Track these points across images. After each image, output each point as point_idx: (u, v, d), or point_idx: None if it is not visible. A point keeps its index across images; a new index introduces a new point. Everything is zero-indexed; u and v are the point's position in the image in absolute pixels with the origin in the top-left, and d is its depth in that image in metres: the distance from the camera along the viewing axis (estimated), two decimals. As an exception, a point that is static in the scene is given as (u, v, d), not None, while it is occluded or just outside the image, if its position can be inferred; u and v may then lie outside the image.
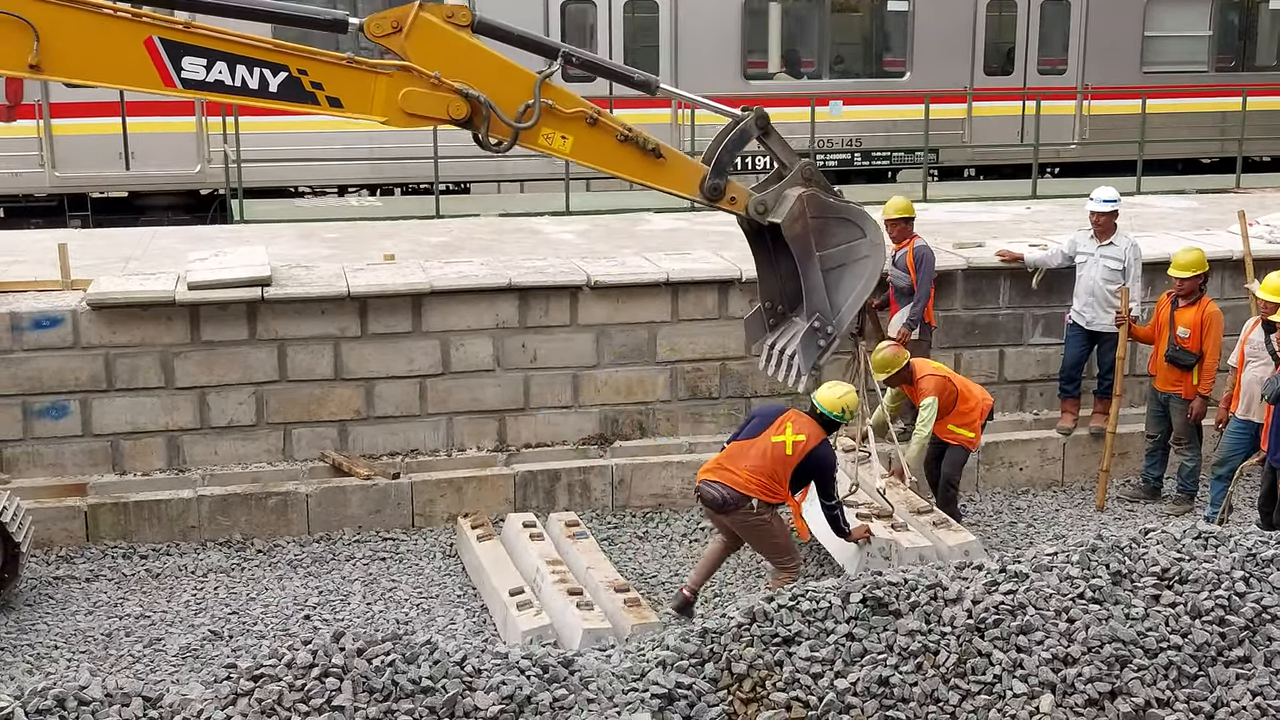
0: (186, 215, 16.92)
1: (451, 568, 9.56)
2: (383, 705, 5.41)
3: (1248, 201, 14.71)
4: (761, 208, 7.96)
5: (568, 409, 10.76)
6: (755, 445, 8.28)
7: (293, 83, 7.13)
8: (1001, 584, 6.14)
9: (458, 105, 7.32)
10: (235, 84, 7.05)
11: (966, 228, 13.41)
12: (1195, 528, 6.69)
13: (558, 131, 7.54)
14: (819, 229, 7.97)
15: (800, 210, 7.88)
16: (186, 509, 9.84)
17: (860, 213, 8.21)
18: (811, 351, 8.05)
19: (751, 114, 7.95)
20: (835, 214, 8.06)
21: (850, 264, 8.09)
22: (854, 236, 8.09)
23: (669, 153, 7.86)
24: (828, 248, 8.04)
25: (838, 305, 8.07)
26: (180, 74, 6.97)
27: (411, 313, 10.34)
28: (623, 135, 7.65)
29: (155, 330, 9.95)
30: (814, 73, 19.54)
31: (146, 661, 8.12)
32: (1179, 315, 10.38)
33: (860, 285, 8.13)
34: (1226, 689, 5.73)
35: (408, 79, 7.28)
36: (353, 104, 7.28)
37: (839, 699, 5.61)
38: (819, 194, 8.00)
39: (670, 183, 7.91)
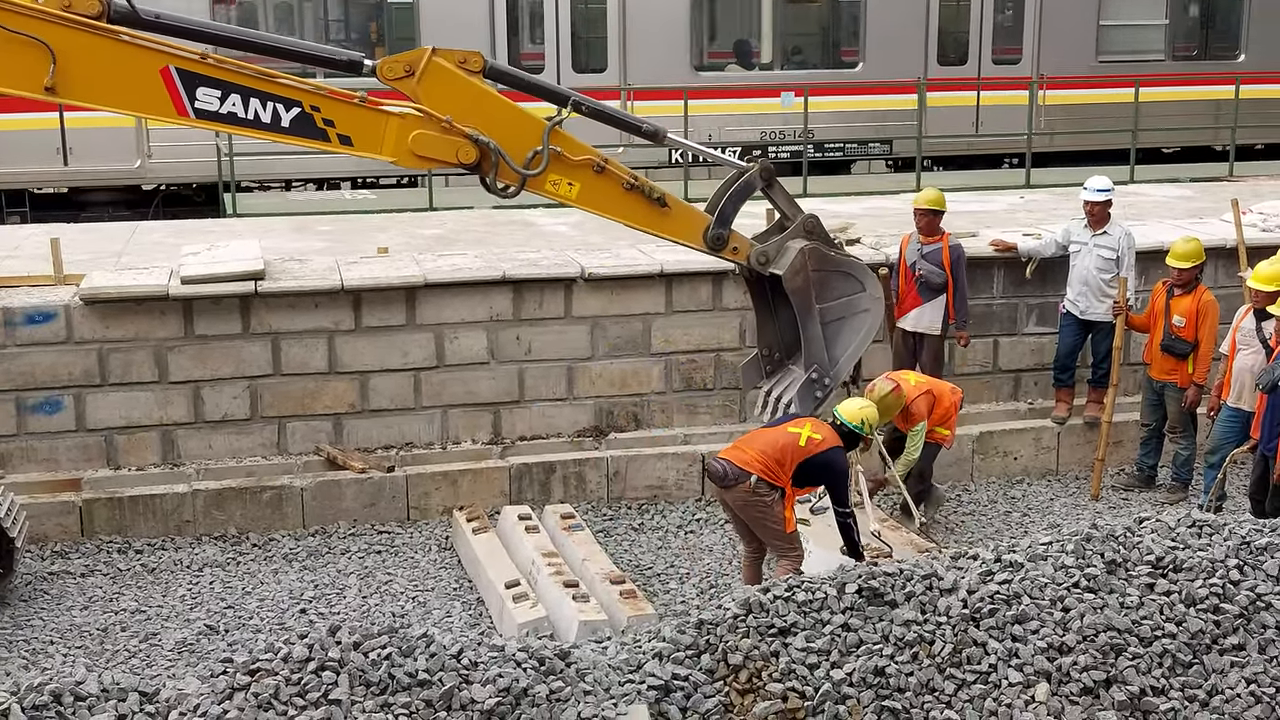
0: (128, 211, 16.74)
1: (447, 561, 9.56)
2: (379, 699, 5.40)
3: (1241, 190, 14.74)
4: (763, 259, 8.12)
5: (562, 401, 10.76)
6: (771, 432, 8.27)
7: (305, 119, 7.22)
8: (996, 573, 6.15)
9: (467, 150, 7.41)
10: (248, 117, 7.14)
11: (961, 217, 13.39)
12: (1189, 516, 6.70)
13: (564, 178, 7.65)
14: (820, 282, 8.13)
15: (802, 263, 8.03)
16: (181, 503, 9.83)
17: (861, 267, 8.38)
18: (808, 402, 8.23)
19: (756, 166, 8.09)
20: (836, 267, 8.23)
21: (849, 317, 8.28)
22: (854, 290, 8.29)
23: (674, 202, 7.98)
24: (828, 300, 8.20)
25: (835, 357, 8.26)
26: (194, 104, 7.04)
27: (405, 305, 10.33)
28: (629, 184, 7.76)
29: (148, 324, 9.93)
30: (765, 64, 19.33)
31: (142, 656, 8.12)
32: (1175, 304, 10.37)
33: (859, 338, 8.34)
34: (1221, 676, 5.74)
35: (419, 121, 7.35)
36: (363, 143, 7.37)
37: (835, 689, 5.61)
38: (820, 247, 8.13)
39: (674, 231, 8.06)
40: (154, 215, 16.48)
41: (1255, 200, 13.29)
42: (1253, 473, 9.25)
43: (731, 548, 9.73)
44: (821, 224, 8.34)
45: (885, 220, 13.28)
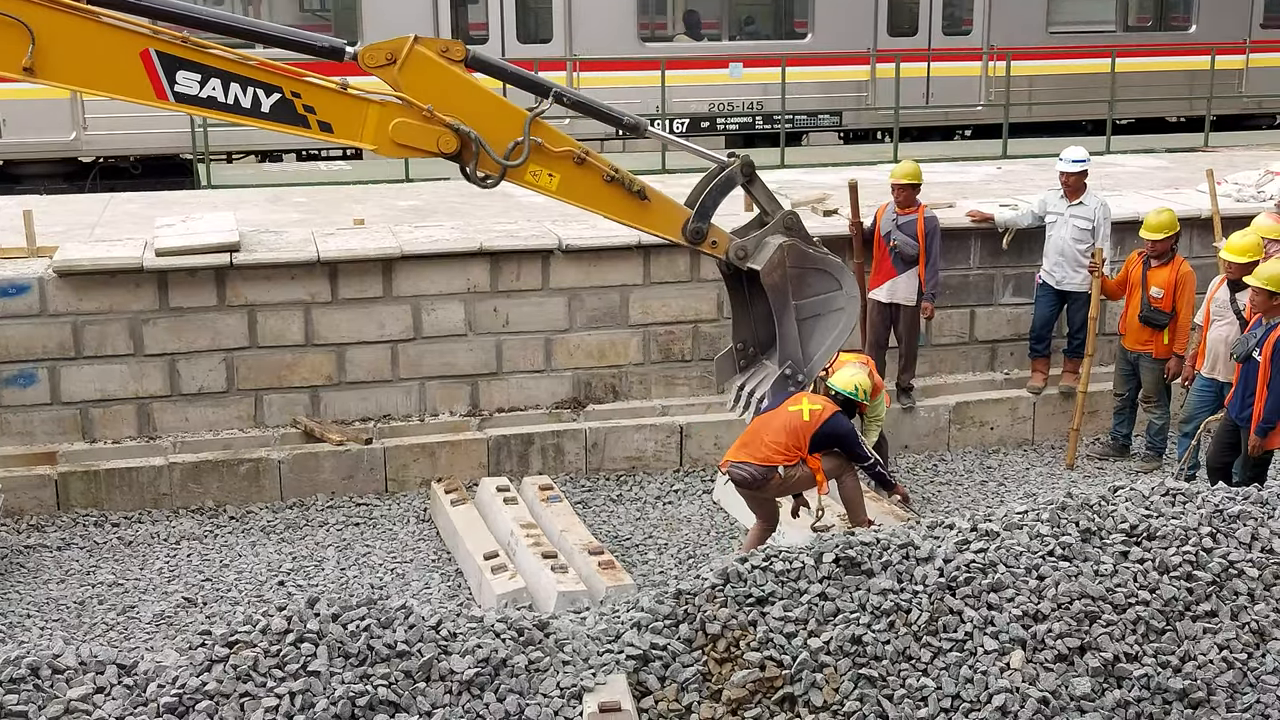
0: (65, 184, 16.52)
1: (425, 533, 9.56)
2: (358, 670, 5.42)
3: (1216, 160, 14.79)
4: (742, 253, 8.15)
5: (540, 373, 10.75)
6: (775, 418, 8.23)
7: (285, 105, 7.19)
8: (973, 542, 6.20)
9: (448, 139, 7.39)
10: (228, 101, 7.11)
11: (938, 188, 13.40)
12: (1164, 485, 6.76)
13: (545, 169, 7.64)
14: (797, 279, 8.17)
15: (780, 259, 8.06)
16: (158, 476, 9.80)
17: (839, 265, 8.42)
18: (781, 398, 8.25)
19: (737, 161, 8.09)
20: (814, 265, 8.26)
21: (825, 315, 8.32)
22: (831, 288, 8.34)
23: (654, 195, 7.98)
24: (804, 297, 8.24)
25: (810, 354, 8.31)
26: (174, 87, 7.00)
27: (382, 277, 10.29)
28: (609, 175, 7.75)
29: (123, 297, 9.86)
30: (714, 34, 19.06)
31: (120, 629, 8.10)
32: (1152, 275, 10.37)
33: (833, 336, 8.41)
34: (1194, 643, 5.81)
35: (400, 110, 7.33)
36: (343, 130, 7.35)
37: (812, 658, 5.65)
38: (799, 244, 8.14)
39: (653, 224, 8.07)
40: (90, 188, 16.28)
41: (1230, 171, 13.35)
42: (1216, 441, 9.32)
43: (710, 518, 9.78)
44: (801, 221, 8.37)
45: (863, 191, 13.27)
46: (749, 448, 8.22)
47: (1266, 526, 6.34)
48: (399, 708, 5.32)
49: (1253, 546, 6.23)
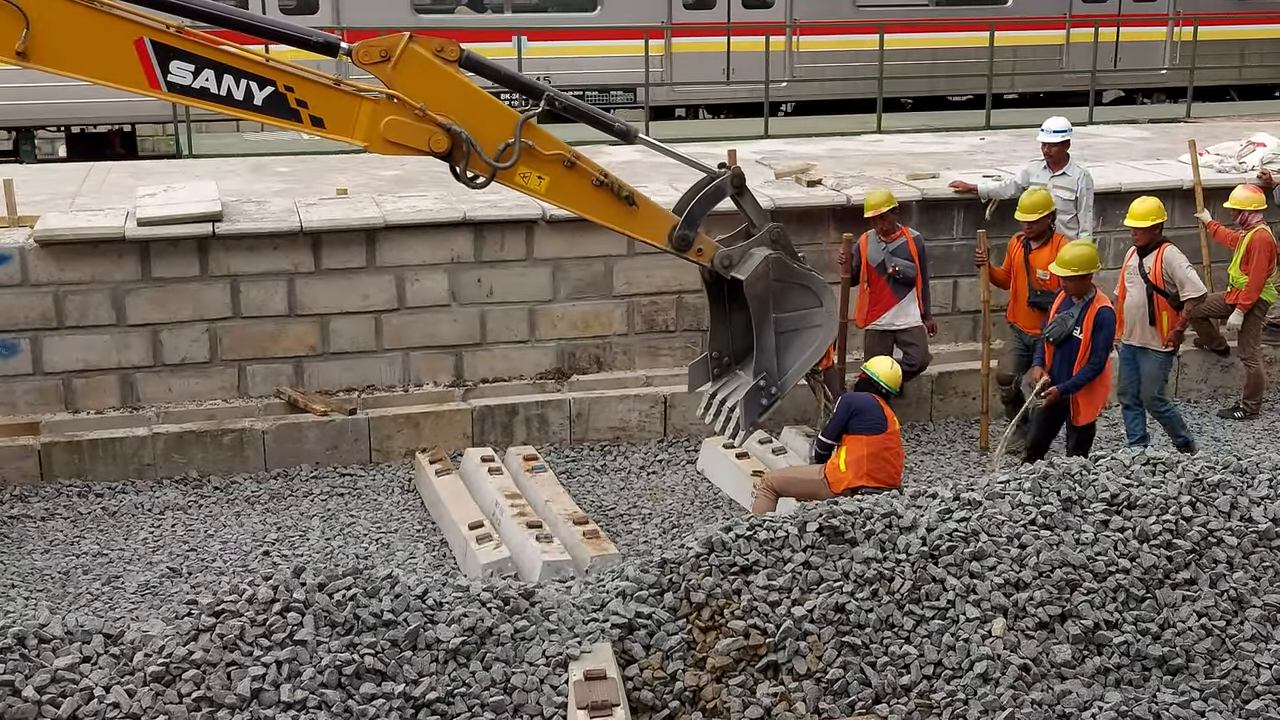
0: None
1: (410, 503, 9.58)
2: (345, 639, 5.45)
3: (1198, 131, 14.82)
4: (727, 262, 8.18)
5: (524, 344, 10.76)
6: (898, 440, 8.44)
7: (278, 99, 7.16)
8: (955, 511, 6.25)
9: (439, 139, 7.39)
10: (220, 93, 7.08)
11: (922, 159, 13.43)
12: (1144, 455, 6.82)
13: (534, 172, 7.64)
14: (779, 292, 8.21)
15: (764, 271, 8.09)
16: (141, 447, 9.78)
17: (820, 283, 8.42)
18: (754, 409, 8.32)
19: (728, 173, 8.11)
20: (796, 280, 8.30)
21: (803, 330, 8.37)
22: (811, 304, 8.38)
23: (642, 200, 7.99)
24: (784, 311, 8.26)
25: (785, 367, 8.35)
26: (167, 77, 6.97)
27: (365, 248, 10.27)
28: (598, 180, 7.76)
29: (105, 267, 9.82)
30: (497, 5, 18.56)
31: (105, 599, 8.10)
32: (1035, 257, 10.06)
33: (809, 352, 8.43)
34: (1173, 610, 5.88)
35: (392, 108, 7.31)
36: (335, 126, 7.33)
37: (796, 626, 5.70)
38: (784, 258, 8.15)
39: (640, 230, 8.09)
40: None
41: (1211, 142, 13.38)
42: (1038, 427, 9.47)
43: (694, 488, 9.82)
44: (787, 235, 8.37)
45: (846, 162, 13.30)
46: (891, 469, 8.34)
47: (1245, 495, 6.41)
48: (385, 676, 5.35)
49: (1232, 515, 6.30)
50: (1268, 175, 11.89)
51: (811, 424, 10.37)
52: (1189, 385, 11.74)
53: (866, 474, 8.14)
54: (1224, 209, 11.39)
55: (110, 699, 5.14)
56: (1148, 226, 9.83)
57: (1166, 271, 9.72)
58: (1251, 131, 13.84)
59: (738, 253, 8.23)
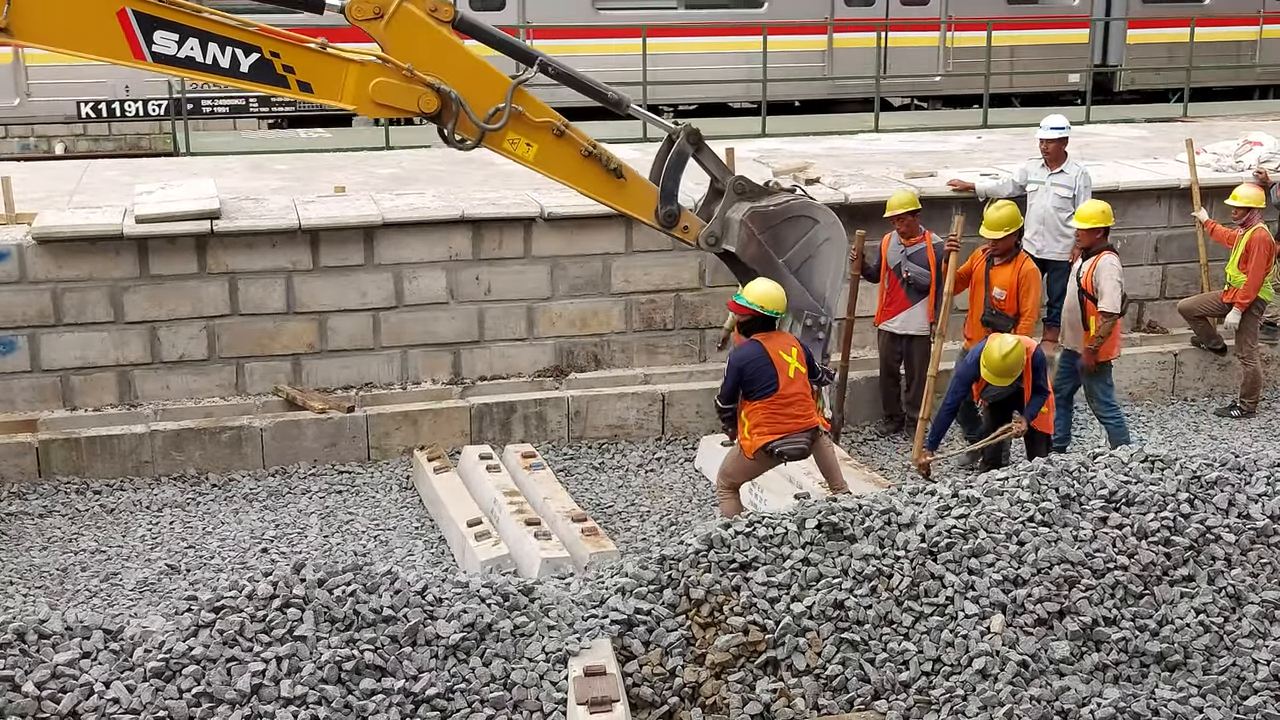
0: None
1: (408, 500, 9.58)
2: (345, 635, 5.45)
3: (1195, 130, 14.84)
4: (713, 239, 8.16)
5: (523, 341, 10.76)
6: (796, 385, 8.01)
7: (264, 65, 7.14)
8: (954, 508, 6.26)
9: (428, 99, 7.36)
10: (206, 61, 7.06)
11: (920, 157, 13.44)
12: (1142, 452, 6.83)
13: (523, 138, 7.63)
14: (772, 237, 8.14)
15: (748, 235, 8.05)
16: (139, 444, 9.77)
17: (802, 205, 8.27)
18: (815, 346, 8.24)
19: (682, 131, 8.00)
20: (781, 219, 8.18)
21: (815, 255, 8.28)
22: (806, 229, 8.28)
23: (630, 174, 7.96)
24: (787, 250, 8.20)
25: (820, 294, 8.25)
26: (151, 48, 6.95)
27: (363, 245, 10.27)
28: (587, 151, 7.73)
29: (103, 264, 9.82)
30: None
31: (103, 596, 8.10)
32: (995, 274, 9.75)
33: (833, 267, 8.33)
34: (1171, 607, 5.89)
35: (379, 69, 7.29)
36: (323, 90, 7.31)
37: (795, 622, 5.71)
38: (758, 207, 8.07)
39: (627, 204, 8.05)
40: None
41: (1209, 141, 13.40)
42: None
43: (692, 486, 9.82)
44: (748, 179, 8.26)
45: (843, 160, 13.31)
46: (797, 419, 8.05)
47: (1243, 493, 6.42)
48: (385, 672, 5.36)
49: (1230, 512, 6.31)
50: (1264, 174, 11.91)
51: None
52: (1186, 384, 11.76)
53: (770, 432, 8.00)
54: (1220, 208, 11.41)
55: (110, 694, 5.14)
56: (1089, 229, 9.71)
57: (1096, 278, 9.56)
58: (1249, 130, 13.86)
59: (718, 226, 8.18)
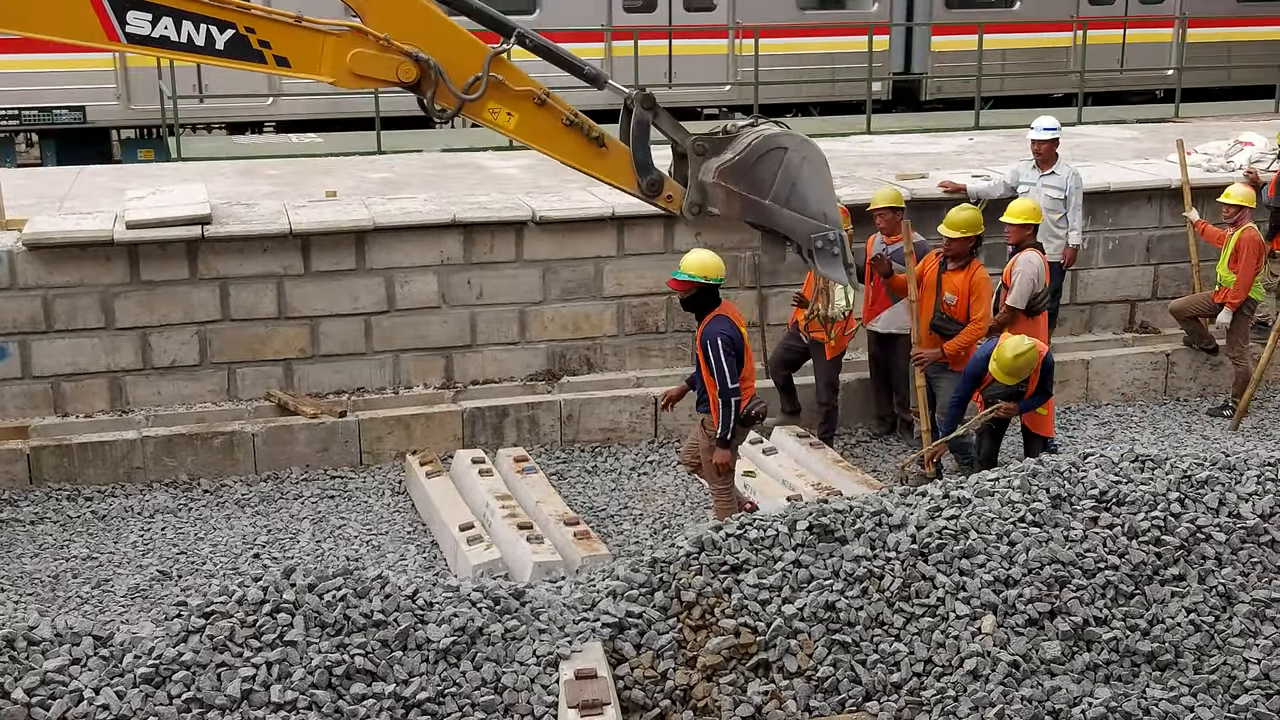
0: None
1: (400, 505, 9.57)
2: (335, 639, 5.44)
3: (1186, 131, 14.86)
4: (695, 208, 8.07)
5: (515, 345, 10.75)
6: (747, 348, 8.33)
7: (240, 41, 7.08)
8: (944, 509, 6.26)
9: (407, 68, 7.30)
10: (181, 40, 6.98)
11: (912, 159, 13.46)
12: (1133, 452, 6.84)
13: (504, 107, 7.55)
14: (749, 185, 7.98)
15: (725, 193, 7.94)
16: (131, 450, 9.76)
17: (762, 139, 7.99)
18: (835, 266, 8.04)
19: (636, 99, 7.93)
20: (750, 163, 8.02)
21: (797, 179, 8.03)
22: (778, 161, 7.99)
23: (612, 144, 7.89)
24: (769, 189, 8.02)
25: (819, 213, 7.98)
26: (125, 28, 6.88)
27: (355, 250, 10.26)
28: (568, 120, 7.68)
29: (94, 270, 9.80)
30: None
31: (95, 602, 8.09)
32: (947, 279, 9.54)
33: (819, 182, 8.02)
34: (1162, 606, 5.90)
35: (357, 40, 7.24)
36: (300, 64, 7.24)
37: (786, 624, 5.71)
38: (724, 164, 7.97)
39: (610, 173, 7.96)
40: None
41: (1199, 141, 13.43)
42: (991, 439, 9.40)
43: (685, 489, 9.82)
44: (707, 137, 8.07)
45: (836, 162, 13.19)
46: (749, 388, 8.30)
47: (1234, 492, 6.43)
48: (376, 676, 5.35)
49: (1220, 511, 6.32)
50: (1254, 174, 11.93)
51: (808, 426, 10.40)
52: (1178, 384, 11.78)
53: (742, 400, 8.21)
54: (1211, 208, 11.44)
55: (100, 700, 5.13)
56: (1019, 225, 9.74)
57: (1014, 272, 9.59)
58: (1239, 131, 13.88)
59: (696, 193, 8.07)
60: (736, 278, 11.06)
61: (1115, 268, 12.04)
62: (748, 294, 11.07)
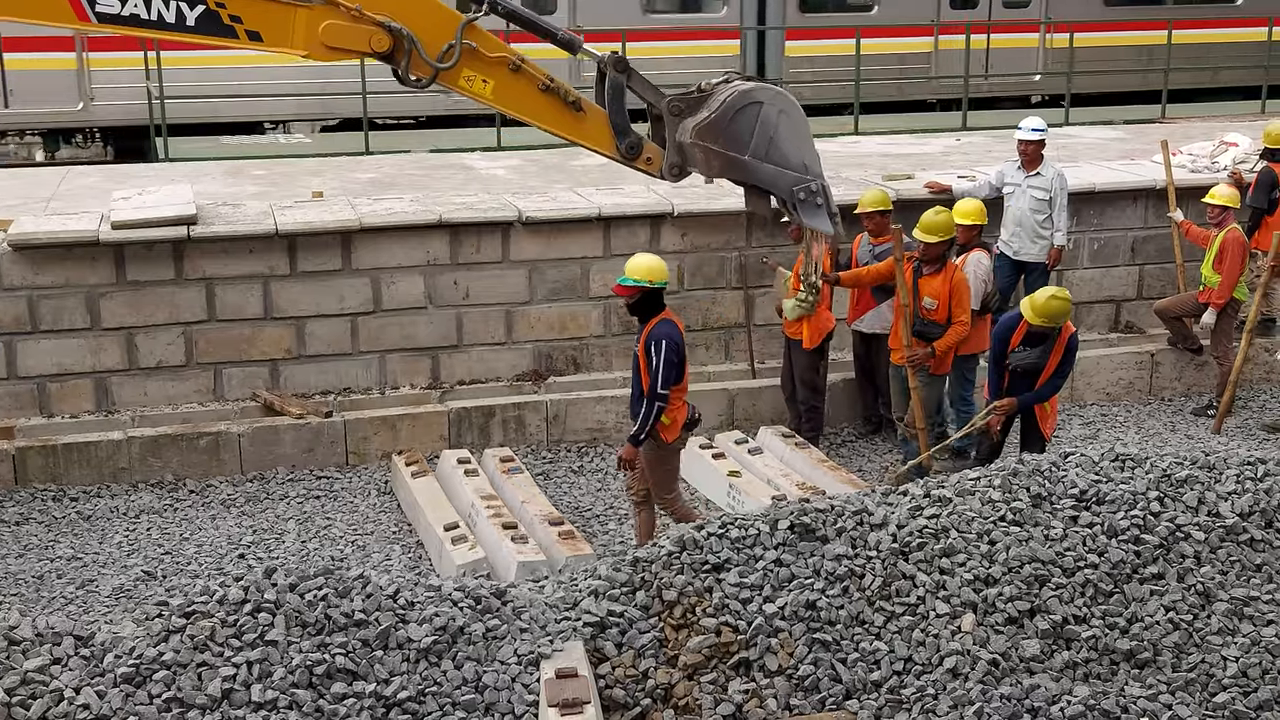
0: None
1: (386, 505, 9.58)
2: (316, 639, 5.45)
3: (1172, 131, 14.91)
4: (676, 170, 8.01)
5: (501, 345, 10.77)
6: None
7: (211, 16, 7.02)
8: (925, 508, 6.28)
9: (380, 38, 7.25)
10: (151, 17, 6.92)
11: (898, 160, 13.49)
12: (1113, 451, 6.86)
13: (479, 75, 7.50)
14: (727, 142, 7.91)
15: (704, 153, 7.90)
16: (117, 451, 9.75)
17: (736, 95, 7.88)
18: (820, 215, 7.99)
19: (608, 62, 7.89)
20: (727, 122, 7.94)
21: (775, 132, 7.96)
22: (754, 116, 7.88)
23: (590, 108, 7.84)
24: (747, 145, 7.89)
25: (800, 164, 7.93)
26: (95, 8, 6.83)
27: (341, 250, 10.26)
28: (544, 84, 7.64)
29: (80, 271, 9.80)
30: None
31: (79, 603, 8.08)
32: (924, 284, 9.46)
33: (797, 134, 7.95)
34: (1141, 605, 5.92)
35: (328, 12, 7.18)
36: (273, 38, 7.18)
37: (767, 623, 5.72)
38: (700, 122, 7.87)
39: (589, 137, 7.90)
40: None
41: (1185, 142, 13.47)
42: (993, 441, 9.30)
43: (670, 488, 9.82)
44: (680, 95, 7.98)
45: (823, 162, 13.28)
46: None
47: (1213, 491, 6.46)
48: (356, 676, 5.35)
49: (1199, 510, 6.34)
50: (1239, 175, 11.97)
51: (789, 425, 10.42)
52: (1163, 384, 11.82)
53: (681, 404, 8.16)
54: (1195, 209, 11.47)
55: (80, 700, 5.12)
56: (967, 225, 9.78)
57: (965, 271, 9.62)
58: (1224, 132, 13.93)
59: (675, 154, 8.00)
60: (723, 278, 11.10)
61: (1100, 268, 12.09)
62: (734, 294, 11.11)
